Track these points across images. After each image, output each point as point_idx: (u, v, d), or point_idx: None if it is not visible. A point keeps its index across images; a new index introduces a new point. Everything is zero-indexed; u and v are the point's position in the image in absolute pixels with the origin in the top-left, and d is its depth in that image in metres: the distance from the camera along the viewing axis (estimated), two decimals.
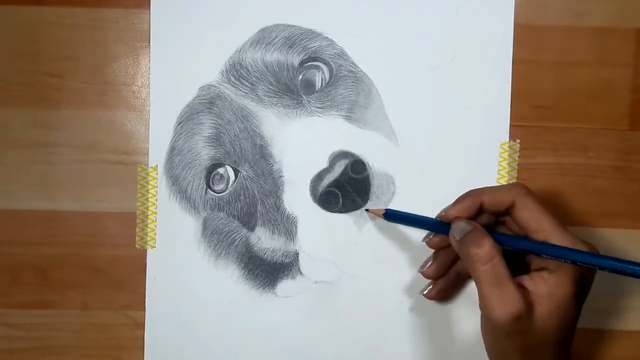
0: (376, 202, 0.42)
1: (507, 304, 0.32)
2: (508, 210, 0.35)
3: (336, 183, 0.42)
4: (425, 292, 0.41)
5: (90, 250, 0.43)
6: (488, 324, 0.33)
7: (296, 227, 0.42)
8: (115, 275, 0.43)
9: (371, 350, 0.43)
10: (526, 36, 0.43)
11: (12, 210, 0.43)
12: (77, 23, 0.43)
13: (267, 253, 0.43)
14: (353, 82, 0.43)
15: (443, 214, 0.37)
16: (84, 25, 0.43)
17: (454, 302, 0.43)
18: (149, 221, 0.43)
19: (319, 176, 0.42)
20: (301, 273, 0.43)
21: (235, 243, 0.43)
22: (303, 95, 0.42)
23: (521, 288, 0.33)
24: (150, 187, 0.43)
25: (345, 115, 0.43)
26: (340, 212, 0.42)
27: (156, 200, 0.43)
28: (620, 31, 0.43)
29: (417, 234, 0.41)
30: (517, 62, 0.43)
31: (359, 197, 0.42)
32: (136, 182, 0.43)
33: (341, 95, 0.43)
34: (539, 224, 0.34)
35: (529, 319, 0.32)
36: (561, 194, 0.43)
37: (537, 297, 0.33)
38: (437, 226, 0.38)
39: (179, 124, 0.43)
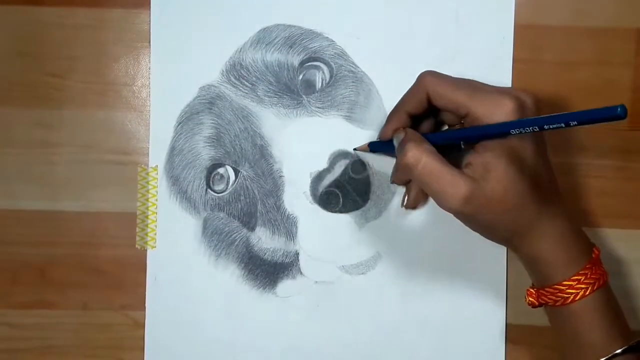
0: (376, 202, 0.42)
1: (449, 193, 0.32)
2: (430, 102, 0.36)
3: (336, 183, 0.42)
4: (405, 204, 0.41)
5: (90, 250, 0.43)
6: (454, 215, 0.34)
7: (296, 227, 0.42)
8: (116, 275, 0.43)
9: (372, 351, 0.43)
10: (526, 36, 0.43)
11: (13, 210, 0.43)
12: (77, 23, 0.43)
13: (267, 253, 0.43)
14: (353, 82, 0.43)
15: (380, 135, 0.38)
16: (84, 26, 0.43)
17: (456, 302, 0.43)
18: (149, 221, 0.43)
19: (319, 176, 0.42)
20: (301, 273, 0.43)
21: (236, 243, 0.43)
22: (303, 95, 0.42)
23: (468, 167, 0.33)
24: (150, 187, 0.43)
25: (346, 115, 0.43)
26: (341, 212, 0.42)
27: (156, 200, 0.43)
28: (620, 31, 0.43)
29: (419, 234, 0.41)
30: (517, 62, 0.43)
31: (360, 197, 0.42)
32: (136, 182, 0.43)
33: (341, 95, 0.43)
34: (454, 102, 0.34)
35: (481, 194, 0.32)
36: (561, 194, 0.42)
37: (482, 169, 0.33)
38: (385, 146, 0.39)
39: (179, 124, 0.43)
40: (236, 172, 0.43)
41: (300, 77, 0.42)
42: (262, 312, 0.43)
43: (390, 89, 0.42)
